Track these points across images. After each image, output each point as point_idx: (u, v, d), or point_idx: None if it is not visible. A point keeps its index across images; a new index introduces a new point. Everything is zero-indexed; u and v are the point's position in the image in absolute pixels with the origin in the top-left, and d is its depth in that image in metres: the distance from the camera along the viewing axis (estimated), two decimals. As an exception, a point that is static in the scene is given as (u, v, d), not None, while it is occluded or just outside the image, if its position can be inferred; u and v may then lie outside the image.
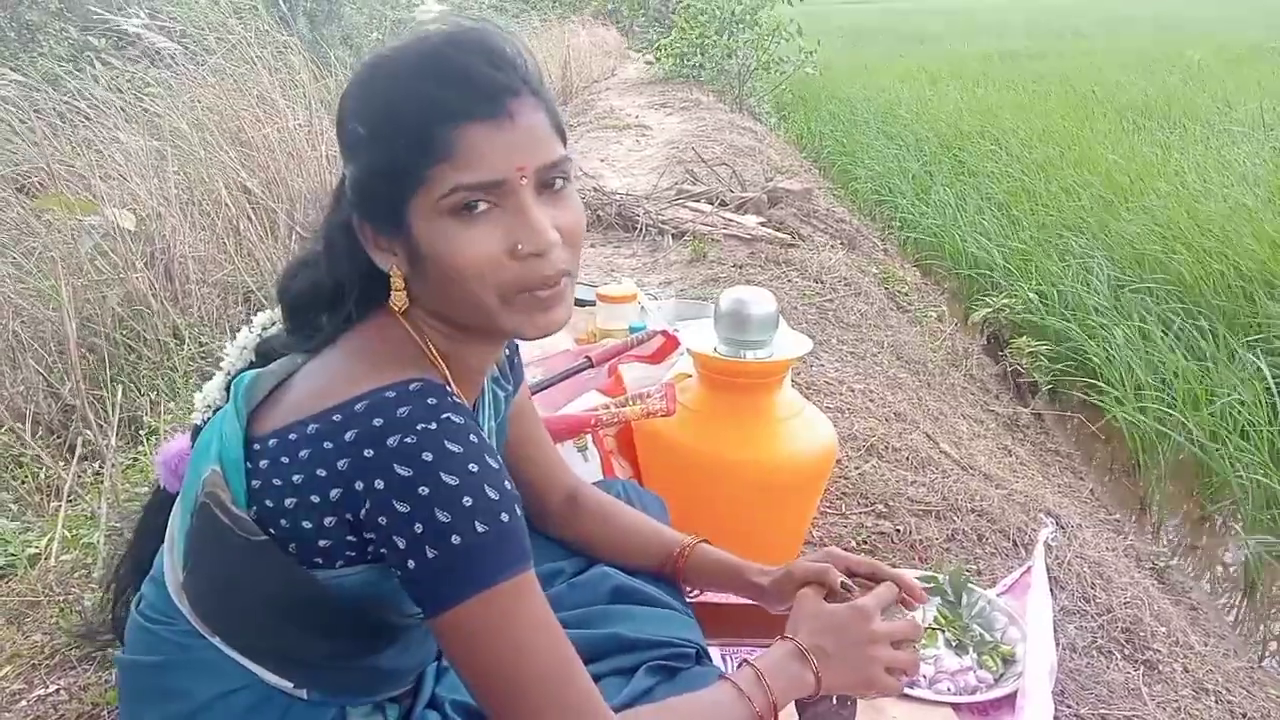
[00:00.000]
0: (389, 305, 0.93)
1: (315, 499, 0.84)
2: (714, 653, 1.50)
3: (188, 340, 3.35)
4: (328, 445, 0.83)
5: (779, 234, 4.64)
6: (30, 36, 6.27)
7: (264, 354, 1.02)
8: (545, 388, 1.92)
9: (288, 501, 0.85)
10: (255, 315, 1.07)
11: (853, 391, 2.90)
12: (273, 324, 1.04)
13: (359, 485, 0.82)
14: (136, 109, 4.53)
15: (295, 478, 0.85)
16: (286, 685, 0.94)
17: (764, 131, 9.36)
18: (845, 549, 2.06)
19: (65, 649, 1.74)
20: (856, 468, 2.38)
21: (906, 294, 4.88)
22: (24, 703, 1.62)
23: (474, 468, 0.82)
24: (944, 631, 1.70)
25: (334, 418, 0.84)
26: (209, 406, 1.01)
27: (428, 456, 0.81)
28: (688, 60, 11.74)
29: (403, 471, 0.81)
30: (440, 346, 0.94)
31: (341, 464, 0.82)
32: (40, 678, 1.68)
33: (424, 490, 0.80)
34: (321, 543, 0.85)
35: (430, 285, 0.90)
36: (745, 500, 1.77)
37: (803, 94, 12.83)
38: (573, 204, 0.91)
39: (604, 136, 8.06)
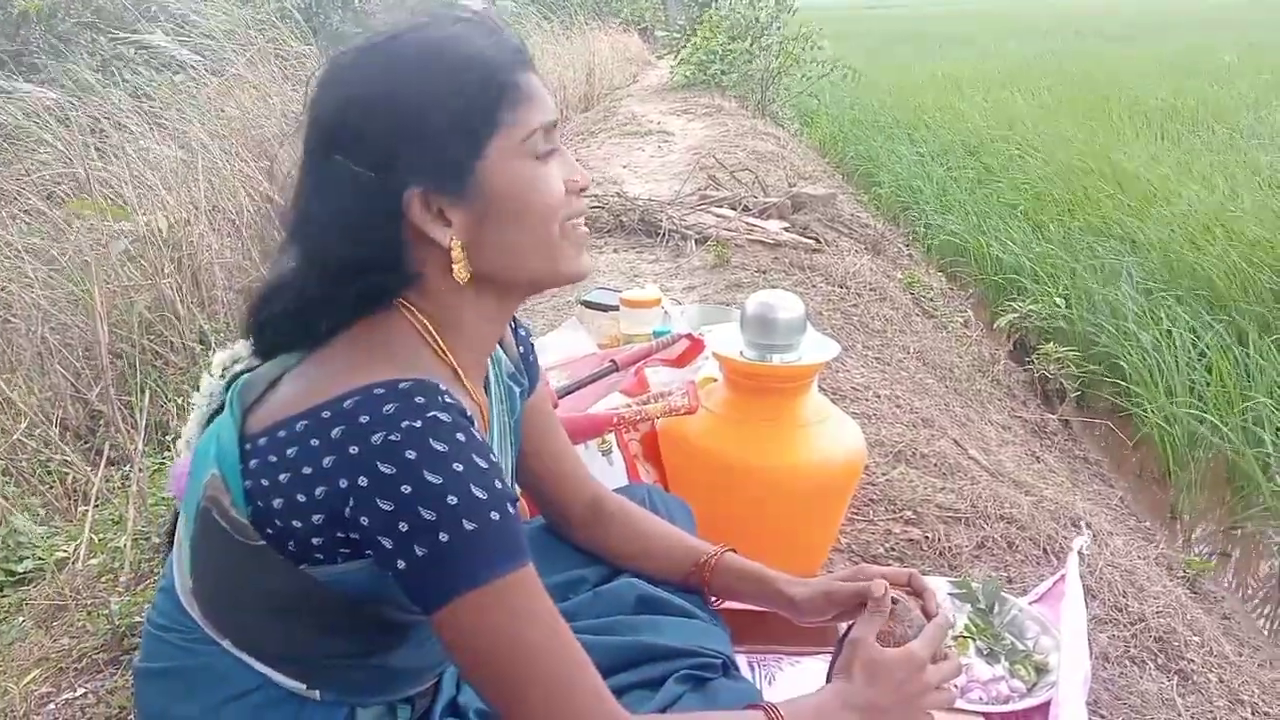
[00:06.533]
0: (392, 304, 0.91)
1: (301, 498, 0.83)
2: (740, 660, 1.48)
3: (214, 346, 3.37)
4: (314, 442, 0.83)
5: (803, 239, 4.61)
6: (63, 48, 6.36)
7: (264, 353, 0.98)
8: (571, 392, 1.92)
9: (276, 502, 0.84)
10: (212, 356, 1.02)
11: (879, 397, 2.87)
12: (233, 362, 1.00)
13: (343, 483, 0.81)
14: (163, 118, 4.58)
15: (282, 477, 0.84)
16: (299, 687, 0.93)
17: (786, 137, 9.33)
18: (874, 556, 2.05)
19: (92, 653, 1.76)
20: (884, 474, 2.36)
21: (932, 299, 4.84)
22: (52, 705, 1.63)
23: (459, 466, 0.81)
24: (976, 640, 1.68)
25: (323, 414, 0.83)
26: (188, 444, 0.98)
27: (411, 454, 0.80)
28: (708, 67, 11.72)
29: (386, 469, 0.80)
30: (440, 336, 0.93)
31: (327, 461, 0.82)
32: (68, 681, 1.69)
33: (406, 489, 0.79)
34: (314, 540, 0.84)
35: (491, 243, 0.90)
36: (773, 506, 1.76)
37: (826, 100, 12.78)
38: None
39: (626, 143, 8.06)
